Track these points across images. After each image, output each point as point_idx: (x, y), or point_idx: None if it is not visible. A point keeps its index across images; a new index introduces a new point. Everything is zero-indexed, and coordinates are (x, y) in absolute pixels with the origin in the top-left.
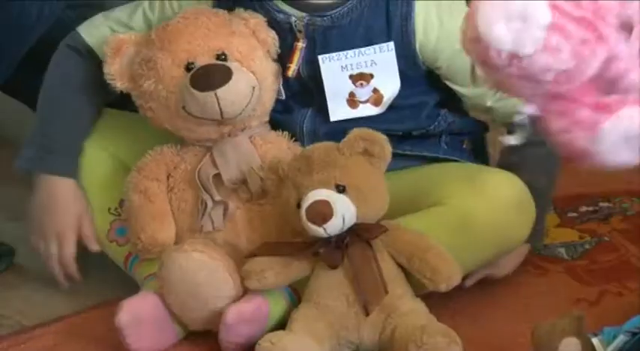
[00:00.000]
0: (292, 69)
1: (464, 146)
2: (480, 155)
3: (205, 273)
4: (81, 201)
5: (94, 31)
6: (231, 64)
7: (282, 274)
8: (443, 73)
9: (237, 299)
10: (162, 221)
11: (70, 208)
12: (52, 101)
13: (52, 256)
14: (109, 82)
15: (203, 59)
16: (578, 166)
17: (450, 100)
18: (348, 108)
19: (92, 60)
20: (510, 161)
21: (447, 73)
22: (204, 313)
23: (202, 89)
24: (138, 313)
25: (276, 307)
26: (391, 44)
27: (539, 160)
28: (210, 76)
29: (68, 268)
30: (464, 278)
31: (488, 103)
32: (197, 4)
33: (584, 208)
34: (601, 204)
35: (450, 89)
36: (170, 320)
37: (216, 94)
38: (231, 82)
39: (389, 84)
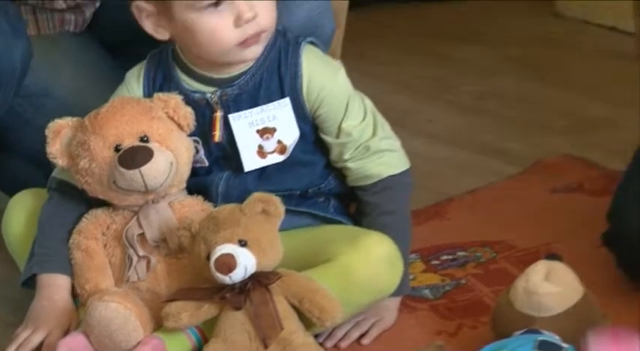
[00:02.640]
0: (217, 135)
1: (347, 209)
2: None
3: (119, 320)
4: (70, 304)
5: (62, 171)
6: (152, 145)
7: (194, 316)
8: (319, 123)
9: None
10: (103, 273)
11: (62, 310)
12: (43, 230)
13: (31, 343)
14: (51, 160)
15: (129, 141)
16: None
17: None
18: (259, 158)
19: (68, 188)
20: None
21: (321, 122)
22: None
23: (129, 167)
24: (71, 349)
25: (175, 345)
26: (287, 100)
27: (398, 224)
28: (135, 156)
29: None
30: (362, 336)
31: (346, 155)
32: (127, 92)
33: (444, 257)
34: (458, 253)
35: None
36: None
37: (140, 171)
38: (152, 160)
39: (290, 134)
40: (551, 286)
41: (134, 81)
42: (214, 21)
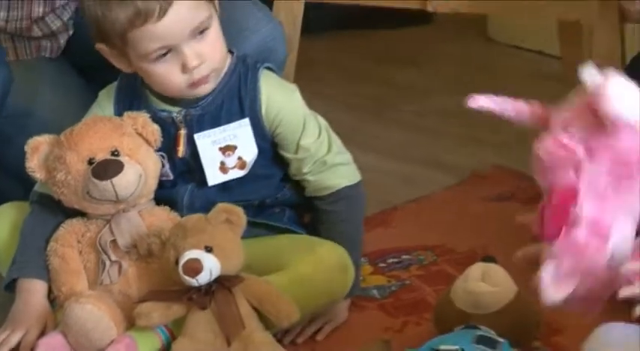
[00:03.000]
0: (181, 150)
1: (302, 220)
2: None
3: (94, 320)
4: (47, 306)
5: (42, 185)
6: (123, 159)
7: (164, 315)
8: (278, 141)
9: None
10: (78, 277)
11: (39, 311)
12: (24, 239)
13: (10, 342)
14: (30, 174)
15: (101, 155)
16: None
17: (292, 180)
18: (221, 173)
19: (47, 199)
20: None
21: (280, 140)
22: (94, 350)
23: (101, 179)
24: (49, 347)
25: (145, 343)
26: (246, 120)
27: (352, 230)
28: (107, 168)
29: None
30: (316, 332)
31: (305, 169)
32: (99, 111)
33: (390, 260)
34: (403, 256)
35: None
36: None
37: (112, 182)
38: (122, 172)
39: (249, 151)
40: (487, 286)
41: (106, 100)
42: (163, 69)
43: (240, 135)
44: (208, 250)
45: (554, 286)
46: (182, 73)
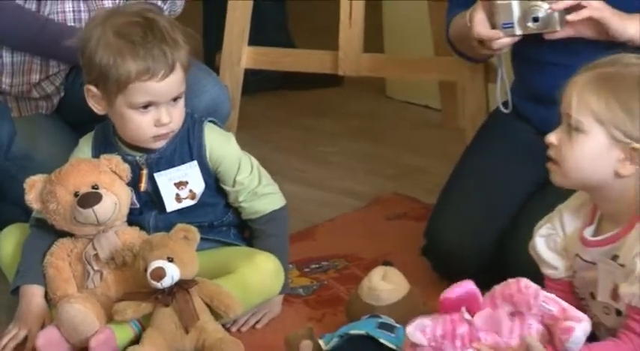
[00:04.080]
0: (143, 186)
1: (244, 236)
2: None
3: (81, 316)
4: (45, 307)
5: (38, 212)
6: (102, 191)
7: (136, 311)
8: (219, 177)
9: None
10: (68, 283)
11: (39, 311)
12: (26, 254)
13: (17, 337)
14: (28, 205)
15: (84, 189)
16: None
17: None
18: (176, 202)
19: (43, 223)
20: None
21: (221, 176)
22: (81, 341)
23: (84, 207)
24: (47, 339)
25: (122, 333)
26: (195, 162)
27: (279, 244)
28: (89, 199)
29: (28, 344)
30: (257, 322)
31: (240, 198)
32: (80, 154)
33: (313, 266)
34: (322, 263)
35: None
36: (65, 342)
37: (93, 210)
38: (101, 202)
39: (198, 185)
40: (386, 284)
41: (86, 146)
42: (140, 118)
43: (190, 173)
44: (170, 260)
45: None
46: (153, 126)
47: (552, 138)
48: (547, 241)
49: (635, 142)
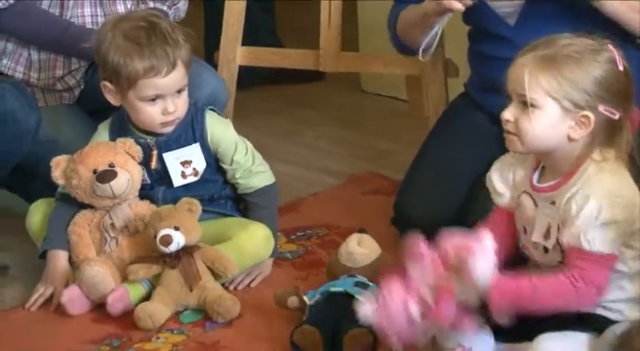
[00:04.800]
0: (153, 165)
1: (239, 208)
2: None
3: (99, 277)
4: (68, 268)
5: (63, 188)
6: (117, 169)
7: (147, 272)
8: (219, 157)
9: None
10: (89, 249)
11: (63, 272)
12: (52, 223)
13: (45, 294)
14: (54, 181)
15: (102, 167)
16: None
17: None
18: (182, 179)
19: (67, 197)
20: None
21: (220, 157)
22: (99, 297)
23: (102, 183)
24: (70, 296)
25: (134, 291)
26: (197, 144)
27: (270, 215)
28: (106, 176)
29: (54, 301)
30: (251, 281)
31: (237, 175)
32: (99, 137)
33: (298, 234)
34: (307, 231)
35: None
36: (85, 299)
37: (110, 185)
38: (117, 178)
39: (200, 164)
40: (361, 248)
41: (104, 131)
42: (149, 109)
43: (194, 153)
44: (176, 229)
45: None
46: (161, 115)
47: (507, 115)
48: (500, 173)
49: (583, 110)
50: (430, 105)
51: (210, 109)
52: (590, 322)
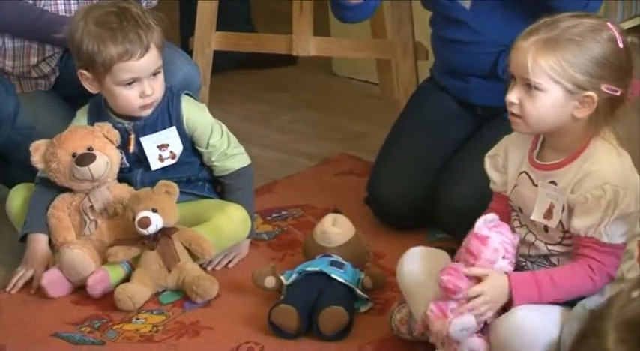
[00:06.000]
0: (131, 148)
1: (216, 190)
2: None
3: (79, 259)
4: (48, 251)
5: (42, 172)
6: (96, 153)
7: (126, 254)
8: (195, 140)
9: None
10: (68, 231)
11: (43, 255)
12: (32, 207)
13: (25, 277)
14: (34, 165)
15: (81, 151)
16: None
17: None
18: (159, 162)
19: (46, 181)
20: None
21: (196, 140)
22: (80, 280)
23: (81, 166)
24: (50, 278)
25: (114, 273)
26: (173, 128)
27: (246, 196)
28: (85, 159)
29: (35, 283)
30: (229, 262)
31: (213, 158)
32: (78, 123)
33: (274, 215)
34: (282, 212)
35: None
36: (66, 281)
37: (89, 168)
38: (95, 161)
39: (177, 147)
40: (335, 228)
41: (82, 116)
42: (127, 92)
43: (171, 137)
44: (154, 211)
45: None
46: (139, 98)
47: (512, 97)
48: (491, 161)
49: (587, 91)
50: (400, 88)
51: (186, 94)
52: None
